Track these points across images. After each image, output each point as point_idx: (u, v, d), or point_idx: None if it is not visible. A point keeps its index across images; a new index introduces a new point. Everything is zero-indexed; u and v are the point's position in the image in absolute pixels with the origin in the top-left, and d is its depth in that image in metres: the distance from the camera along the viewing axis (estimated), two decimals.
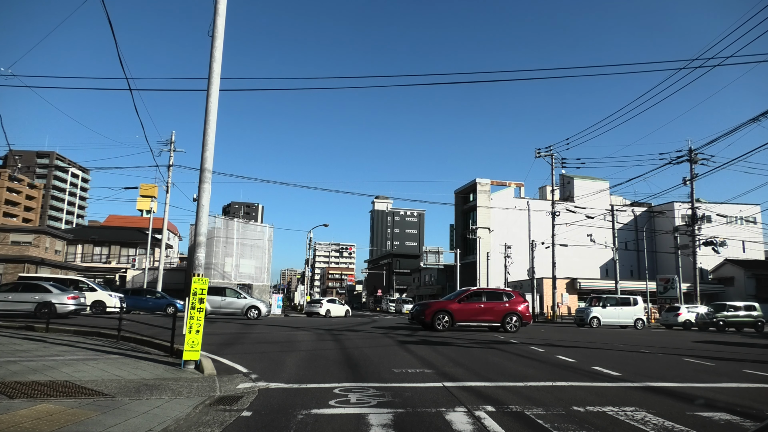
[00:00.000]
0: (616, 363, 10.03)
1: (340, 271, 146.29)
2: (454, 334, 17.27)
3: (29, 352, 8.83)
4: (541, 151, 37.38)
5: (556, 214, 37.37)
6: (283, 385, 6.57)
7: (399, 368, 8.34)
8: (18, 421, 4.23)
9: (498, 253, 52.07)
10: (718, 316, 27.85)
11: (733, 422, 5.10)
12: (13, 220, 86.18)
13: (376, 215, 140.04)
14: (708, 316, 28.79)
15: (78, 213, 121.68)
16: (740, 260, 50.26)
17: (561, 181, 59.04)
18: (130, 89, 12.29)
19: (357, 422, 4.68)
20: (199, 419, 4.72)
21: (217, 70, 8.57)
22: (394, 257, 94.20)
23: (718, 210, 45.91)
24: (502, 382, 7.19)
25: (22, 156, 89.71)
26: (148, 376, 6.79)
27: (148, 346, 10.49)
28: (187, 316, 7.52)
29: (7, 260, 36.84)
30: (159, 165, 32.37)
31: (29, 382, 5.99)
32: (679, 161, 30.91)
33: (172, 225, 61.49)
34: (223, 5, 8.78)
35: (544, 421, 4.85)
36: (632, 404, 5.82)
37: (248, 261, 41.69)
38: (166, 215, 31.46)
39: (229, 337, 13.86)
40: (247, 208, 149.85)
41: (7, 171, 77.08)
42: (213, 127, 8.41)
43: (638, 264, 56.27)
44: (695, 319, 29.70)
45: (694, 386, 7.40)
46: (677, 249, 38.15)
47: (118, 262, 48.89)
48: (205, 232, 8.35)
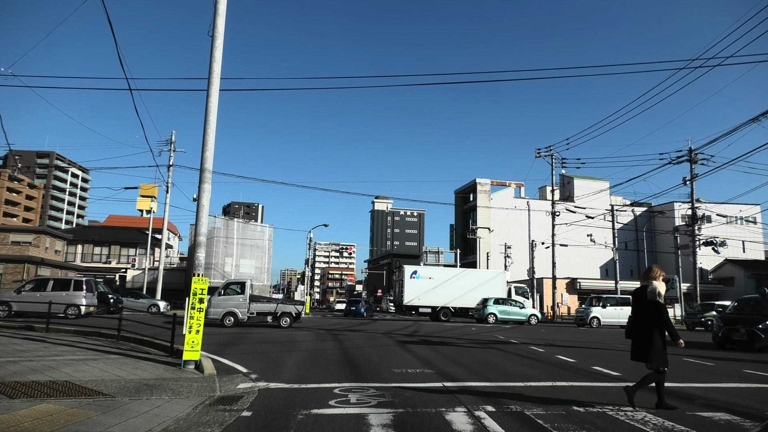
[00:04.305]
0: (616, 363, 10.03)
1: (340, 271, 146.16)
2: (454, 334, 17.27)
3: (29, 352, 8.83)
4: (541, 151, 37.37)
5: (556, 214, 37.37)
6: (283, 385, 6.57)
7: (399, 368, 8.34)
8: (18, 421, 4.23)
9: (498, 253, 52.06)
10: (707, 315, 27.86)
11: (733, 422, 5.10)
12: (13, 220, 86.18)
13: (376, 215, 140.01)
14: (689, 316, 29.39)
15: (78, 213, 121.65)
16: (740, 260, 50.25)
17: (561, 181, 59.04)
18: (130, 89, 12.29)
19: (357, 422, 4.68)
20: (199, 419, 4.72)
21: (217, 70, 8.58)
22: (394, 257, 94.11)
23: (718, 210, 45.90)
24: (502, 382, 7.19)
25: (22, 156, 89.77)
26: (148, 376, 6.79)
27: (148, 346, 10.49)
28: (187, 316, 7.52)
29: (7, 260, 36.81)
30: (159, 165, 32.44)
31: (29, 382, 5.99)
32: (679, 161, 30.88)
33: (172, 225, 61.51)
34: (223, 5, 8.78)
35: (544, 421, 4.85)
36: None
37: (248, 261, 41.73)
38: (166, 215, 31.47)
39: (229, 337, 13.86)
40: (247, 208, 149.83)
41: (7, 171, 77.09)
42: (213, 127, 8.42)
43: (638, 264, 56.29)
44: (683, 319, 30.08)
45: (694, 386, 7.40)
46: (677, 249, 38.12)
47: (118, 262, 48.89)
48: (205, 232, 8.35)
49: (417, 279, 31.76)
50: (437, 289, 31.57)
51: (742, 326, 13.84)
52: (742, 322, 14.02)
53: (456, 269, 36.58)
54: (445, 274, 33.15)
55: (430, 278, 31.86)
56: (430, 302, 31.26)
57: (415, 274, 31.91)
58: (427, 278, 31.86)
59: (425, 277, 31.93)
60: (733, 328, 14.04)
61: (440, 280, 31.84)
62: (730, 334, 14.03)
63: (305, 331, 17.07)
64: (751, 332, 13.56)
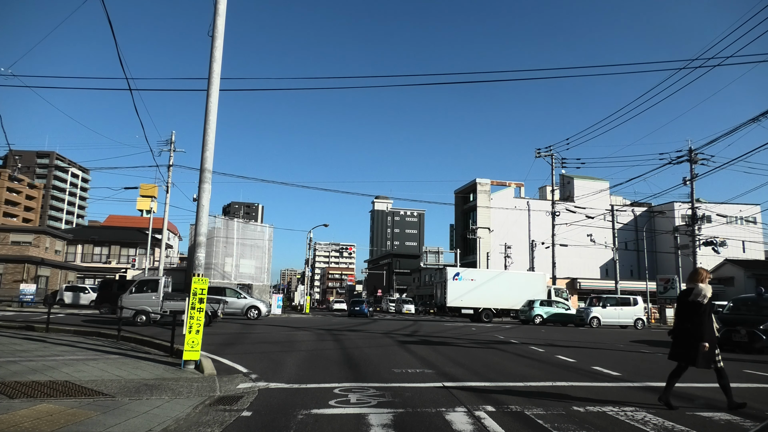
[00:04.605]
0: (616, 363, 10.03)
1: (340, 271, 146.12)
2: (455, 334, 17.27)
3: (29, 352, 8.83)
4: (541, 151, 37.39)
5: (556, 214, 37.38)
6: (283, 385, 6.57)
7: (399, 368, 8.34)
8: (18, 421, 4.23)
9: (498, 253, 52.05)
10: None
11: (733, 422, 5.10)
12: (13, 220, 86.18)
13: (376, 215, 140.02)
14: None
15: (78, 213, 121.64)
16: (740, 260, 50.26)
17: (561, 181, 59.02)
18: (130, 89, 12.29)
19: (357, 422, 4.68)
20: (199, 419, 4.72)
21: (217, 70, 8.58)
22: (394, 257, 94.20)
23: (718, 210, 45.89)
24: (502, 382, 7.19)
25: (22, 156, 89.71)
26: (148, 376, 6.79)
27: (148, 346, 10.50)
28: (187, 316, 7.52)
29: (7, 260, 36.84)
30: (159, 165, 32.31)
31: (29, 382, 5.99)
32: (679, 161, 30.84)
33: (172, 225, 61.50)
34: (223, 5, 8.78)
35: (544, 421, 4.84)
36: (632, 404, 5.83)
37: (248, 261, 41.66)
38: (166, 215, 31.43)
39: (229, 337, 13.86)
40: (247, 208, 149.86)
41: (7, 171, 77.07)
42: (213, 127, 8.42)
43: (638, 264, 56.27)
44: None
45: (694, 386, 7.40)
46: (677, 249, 38.12)
47: (118, 262, 48.88)
48: (205, 232, 8.35)
49: (459, 281, 32.44)
50: (479, 290, 32.23)
51: (743, 327, 13.76)
52: (742, 323, 13.92)
53: (497, 271, 36.98)
54: (486, 275, 33.78)
55: (472, 280, 32.49)
56: (473, 303, 31.94)
57: (458, 276, 32.59)
58: (470, 280, 32.50)
59: (467, 279, 32.57)
60: (733, 330, 13.82)
61: (482, 282, 32.43)
62: (730, 336, 13.83)
63: (305, 331, 17.07)
64: (752, 333, 13.48)
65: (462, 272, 33.49)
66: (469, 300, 31.80)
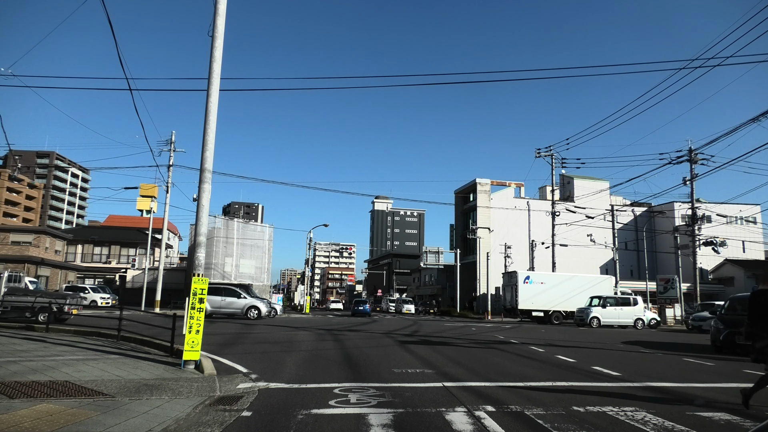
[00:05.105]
0: (616, 363, 10.04)
1: (340, 271, 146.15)
2: (455, 334, 17.28)
3: (29, 352, 8.84)
4: (541, 151, 37.42)
5: (556, 214, 37.40)
6: (283, 385, 6.57)
7: (399, 368, 8.34)
8: (18, 421, 4.24)
9: (498, 253, 52.00)
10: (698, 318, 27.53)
11: (733, 422, 5.10)
12: (13, 220, 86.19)
13: (376, 215, 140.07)
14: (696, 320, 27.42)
15: (78, 213, 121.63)
16: (740, 260, 50.23)
17: (561, 181, 59.01)
18: (130, 89, 12.29)
19: (357, 422, 4.69)
20: (199, 419, 4.72)
21: (217, 70, 8.58)
22: (394, 257, 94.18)
23: (718, 210, 45.90)
24: (502, 382, 7.19)
25: (22, 156, 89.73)
26: (148, 376, 6.80)
27: (148, 346, 10.49)
28: (187, 316, 7.52)
29: (7, 260, 36.83)
30: (159, 165, 32.43)
31: (29, 382, 5.99)
32: (679, 161, 30.90)
33: (172, 225, 61.50)
34: (223, 5, 8.78)
35: (544, 421, 4.85)
36: (632, 404, 5.83)
37: (248, 261, 41.68)
38: (166, 215, 31.46)
39: (229, 337, 13.87)
40: (247, 208, 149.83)
41: (7, 171, 77.07)
42: (213, 127, 8.42)
43: (638, 264, 56.23)
44: (683, 320, 29.85)
45: (694, 386, 7.41)
46: (677, 249, 38.16)
47: (118, 262, 48.88)
48: (205, 232, 8.35)
49: (530, 284, 33.15)
50: (548, 293, 32.79)
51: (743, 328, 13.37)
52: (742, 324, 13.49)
53: (566, 274, 37.07)
54: (556, 279, 34.24)
55: (542, 283, 33.15)
56: (542, 306, 32.59)
57: (528, 279, 33.23)
58: (539, 283, 33.16)
59: (537, 282, 33.23)
60: (736, 332, 12.77)
61: (551, 285, 32.95)
62: (732, 338, 13.02)
63: (305, 331, 17.08)
64: None
65: (532, 275, 34.08)
66: (539, 302, 32.52)
